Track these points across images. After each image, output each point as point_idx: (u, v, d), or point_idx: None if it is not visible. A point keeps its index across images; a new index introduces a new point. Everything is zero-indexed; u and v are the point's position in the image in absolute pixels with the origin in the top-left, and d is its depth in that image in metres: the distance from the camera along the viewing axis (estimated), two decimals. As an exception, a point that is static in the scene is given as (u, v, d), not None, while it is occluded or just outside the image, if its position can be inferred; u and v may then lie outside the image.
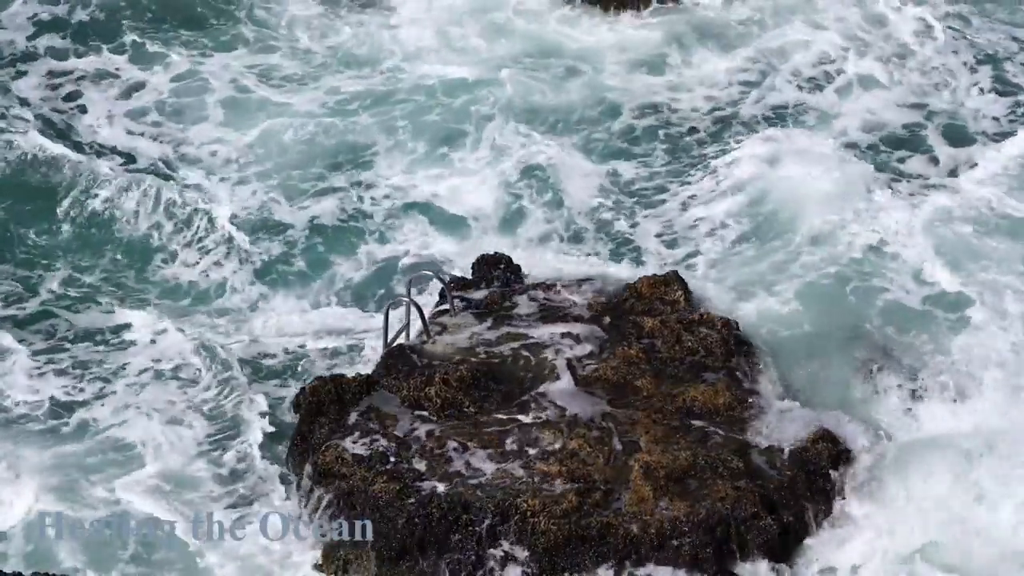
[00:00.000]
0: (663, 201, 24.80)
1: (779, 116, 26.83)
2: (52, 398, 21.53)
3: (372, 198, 25.07)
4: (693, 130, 26.49)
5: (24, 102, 27.24)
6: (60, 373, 22.02)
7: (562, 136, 26.29)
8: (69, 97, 27.60)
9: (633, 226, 24.21)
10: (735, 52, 28.39)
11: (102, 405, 21.42)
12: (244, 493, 20.10)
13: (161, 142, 26.47)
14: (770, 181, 24.63)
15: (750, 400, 19.69)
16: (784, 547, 18.45)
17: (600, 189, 25.05)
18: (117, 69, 28.23)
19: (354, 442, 19.23)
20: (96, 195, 24.88)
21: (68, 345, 22.59)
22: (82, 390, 21.69)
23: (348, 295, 23.37)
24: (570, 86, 27.50)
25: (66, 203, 24.83)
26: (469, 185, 25.10)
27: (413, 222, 24.51)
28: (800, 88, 27.47)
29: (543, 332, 20.57)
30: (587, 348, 20.33)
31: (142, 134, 26.71)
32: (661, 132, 26.48)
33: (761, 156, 25.18)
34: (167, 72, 28.12)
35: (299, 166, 25.81)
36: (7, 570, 18.33)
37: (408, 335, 20.91)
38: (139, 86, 27.84)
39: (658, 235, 24.09)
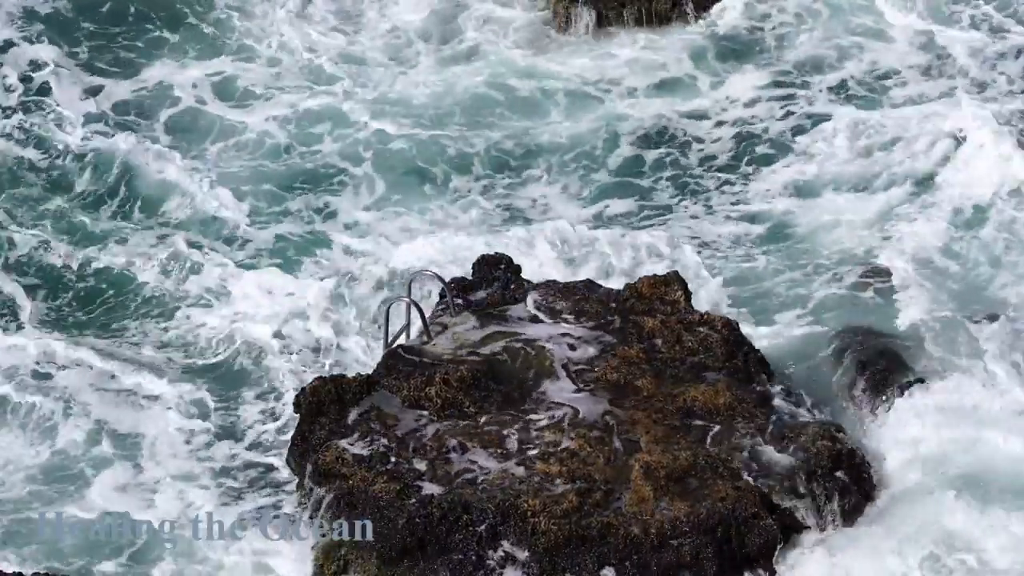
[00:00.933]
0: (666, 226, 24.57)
1: (807, 138, 26.20)
2: (45, 395, 21.60)
3: (330, 233, 24.72)
4: (710, 158, 26.13)
5: None
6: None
7: (555, 171, 25.87)
8: (40, 91, 27.59)
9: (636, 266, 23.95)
10: (761, 69, 27.68)
11: (94, 402, 21.47)
12: (244, 493, 20.12)
13: (118, 149, 26.27)
14: (796, 208, 24.48)
15: (751, 400, 19.68)
16: (784, 550, 18.46)
17: (595, 226, 24.68)
18: (85, 69, 28.22)
19: (354, 442, 19.22)
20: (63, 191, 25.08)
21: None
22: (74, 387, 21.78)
23: (326, 296, 23.32)
24: (565, 115, 27.04)
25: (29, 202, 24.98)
26: (443, 229, 24.67)
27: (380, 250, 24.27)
28: (836, 104, 26.89)
29: (543, 332, 20.56)
30: (587, 348, 20.32)
31: (106, 135, 26.63)
32: (672, 164, 25.89)
33: (785, 183, 24.99)
34: (135, 77, 28.05)
35: (256, 184, 25.64)
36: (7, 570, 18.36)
37: (408, 335, 20.91)
38: (98, 89, 27.79)
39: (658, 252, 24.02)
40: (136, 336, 22.70)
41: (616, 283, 21.84)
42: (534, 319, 20.82)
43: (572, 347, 20.35)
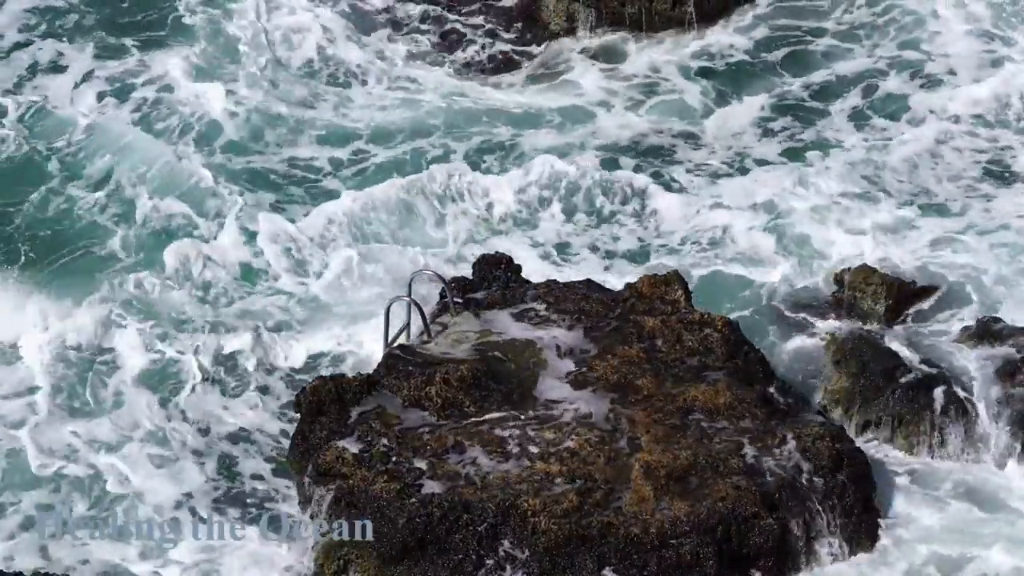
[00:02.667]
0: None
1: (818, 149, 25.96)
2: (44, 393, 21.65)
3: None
4: (704, 171, 25.90)
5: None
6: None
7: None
8: (48, 72, 27.65)
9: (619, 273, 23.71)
10: (759, 95, 27.26)
11: (92, 402, 21.49)
12: (244, 493, 20.12)
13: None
14: (798, 212, 24.34)
15: (751, 400, 19.68)
16: (784, 550, 18.46)
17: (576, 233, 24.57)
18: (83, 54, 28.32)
19: (354, 442, 19.23)
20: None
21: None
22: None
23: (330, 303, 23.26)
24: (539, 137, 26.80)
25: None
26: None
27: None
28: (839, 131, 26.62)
29: (543, 332, 20.57)
30: (587, 348, 20.32)
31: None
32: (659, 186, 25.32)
33: (790, 188, 24.83)
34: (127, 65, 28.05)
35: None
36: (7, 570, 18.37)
37: (408, 335, 20.93)
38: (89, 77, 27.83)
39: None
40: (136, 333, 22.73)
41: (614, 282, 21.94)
42: (534, 319, 20.82)
43: (572, 347, 20.36)
